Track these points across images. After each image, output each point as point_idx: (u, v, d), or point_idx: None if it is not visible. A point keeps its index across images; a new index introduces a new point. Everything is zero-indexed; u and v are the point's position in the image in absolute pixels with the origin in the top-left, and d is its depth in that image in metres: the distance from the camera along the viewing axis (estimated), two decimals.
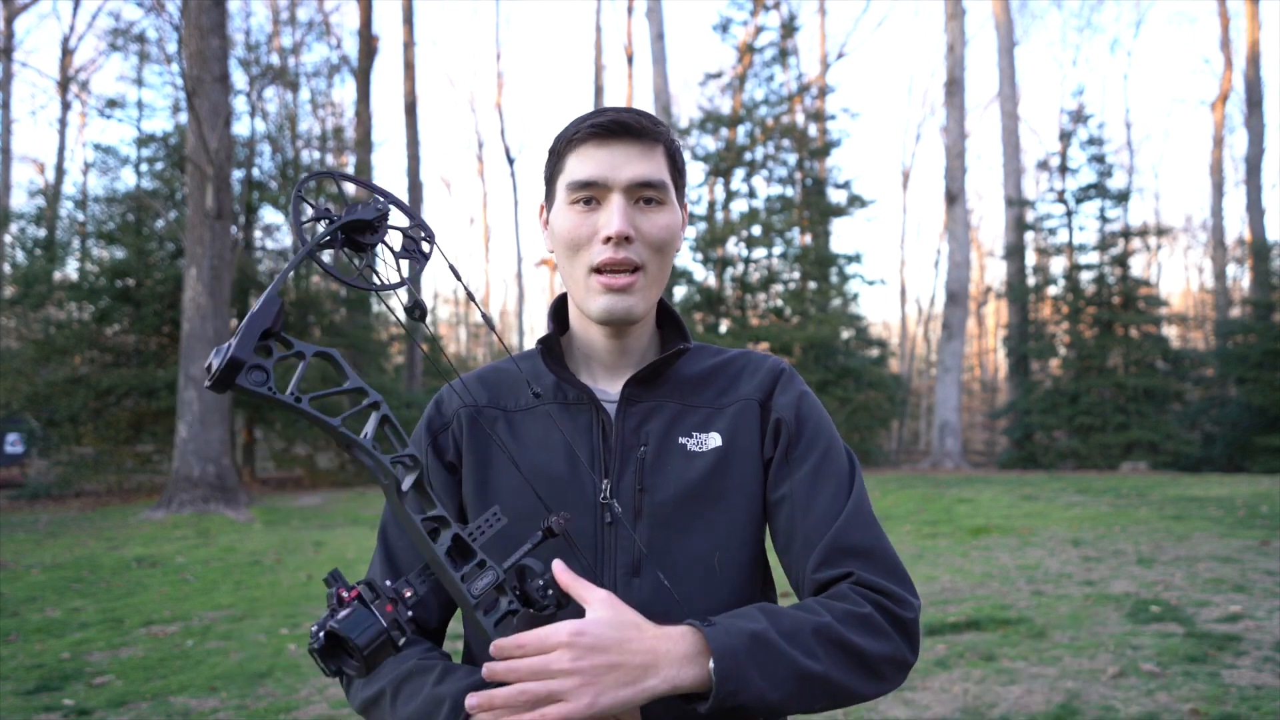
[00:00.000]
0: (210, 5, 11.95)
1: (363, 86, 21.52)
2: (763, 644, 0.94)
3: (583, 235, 1.11)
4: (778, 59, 21.13)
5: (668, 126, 1.16)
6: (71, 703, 4.29)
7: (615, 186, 1.10)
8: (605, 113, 1.12)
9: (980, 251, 36.38)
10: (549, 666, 0.85)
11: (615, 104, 1.08)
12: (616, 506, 1.10)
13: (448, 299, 43.86)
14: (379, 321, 20.25)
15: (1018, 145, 22.54)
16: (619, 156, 1.10)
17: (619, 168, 1.10)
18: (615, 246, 1.09)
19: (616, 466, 1.12)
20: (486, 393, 1.20)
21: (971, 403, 34.12)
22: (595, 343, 1.19)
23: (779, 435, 1.15)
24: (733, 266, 20.47)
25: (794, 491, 1.13)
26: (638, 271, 1.11)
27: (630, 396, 1.15)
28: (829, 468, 1.14)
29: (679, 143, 1.19)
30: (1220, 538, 7.81)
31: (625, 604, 0.95)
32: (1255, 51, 22.51)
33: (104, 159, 17.56)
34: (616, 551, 1.10)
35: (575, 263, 1.13)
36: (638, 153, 1.11)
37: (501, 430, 1.17)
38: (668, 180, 1.13)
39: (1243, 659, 4.37)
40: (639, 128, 1.11)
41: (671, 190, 1.14)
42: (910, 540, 8.65)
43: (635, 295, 1.12)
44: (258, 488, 15.99)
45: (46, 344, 15.64)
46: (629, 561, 1.09)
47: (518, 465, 1.11)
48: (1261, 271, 19.80)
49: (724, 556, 1.11)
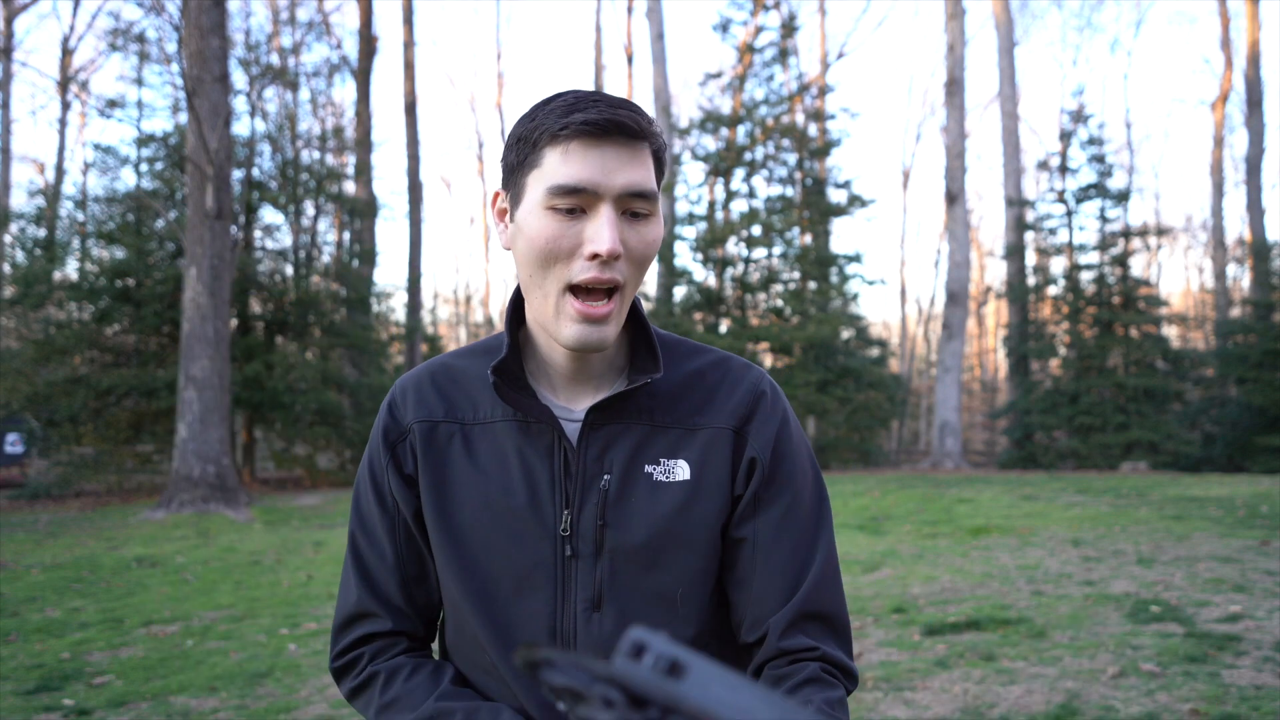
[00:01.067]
0: (210, 5, 11.95)
1: (363, 86, 21.52)
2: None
3: (564, 248, 0.98)
4: (778, 59, 21.14)
5: (658, 127, 1.05)
6: (71, 703, 4.29)
7: (607, 195, 0.97)
8: (595, 105, 0.97)
9: (980, 251, 36.39)
10: None
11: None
12: (576, 543, 1.07)
13: (448, 299, 43.89)
14: (379, 321, 20.26)
15: (1018, 145, 22.54)
16: (611, 160, 0.97)
17: (612, 173, 0.97)
18: (601, 266, 0.98)
19: (578, 498, 1.06)
20: (443, 402, 1.12)
21: (971, 403, 34.13)
22: (556, 357, 1.09)
23: (751, 474, 1.09)
24: (733, 266, 20.47)
25: (758, 534, 1.09)
26: (616, 293, 1.01)
27: (594, 422, 1.07)
28: (798, 513, 1.10)
29: (664, 145, 1.06)
30: (1220, 538, 7.81)
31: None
32: (1255, 51, 22.51)
33: (104, 159, 17.56)
34: (577, 585, 1.06)
35: (547, 276, 1.00)
36: (630, 156, 0.99)
37: (458, 447, 1.09)
38: (657, 189, 1.02)
39: (1243, 659, 4.37)
40: (635, 128, 0.98)
41: (659, 200, 1.03)
42: (910, 540, 8.65)
43: (612, 324, 1.02)
44: (258, 488, 16.00)
45: (46, 344, 15.64)
46: (589, 596, 1.06)
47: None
48: (1261, 271, 19.80)
49: (687, 592, 1.08)
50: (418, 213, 21.73)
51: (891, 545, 8.36)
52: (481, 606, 1.07)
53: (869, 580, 6.73)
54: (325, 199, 19.09)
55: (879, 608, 5.81)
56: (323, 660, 4.98)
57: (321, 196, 18.91)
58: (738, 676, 0.45)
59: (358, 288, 18.79)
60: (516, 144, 1.02)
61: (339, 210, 20.07)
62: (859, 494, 12.63)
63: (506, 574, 1.07)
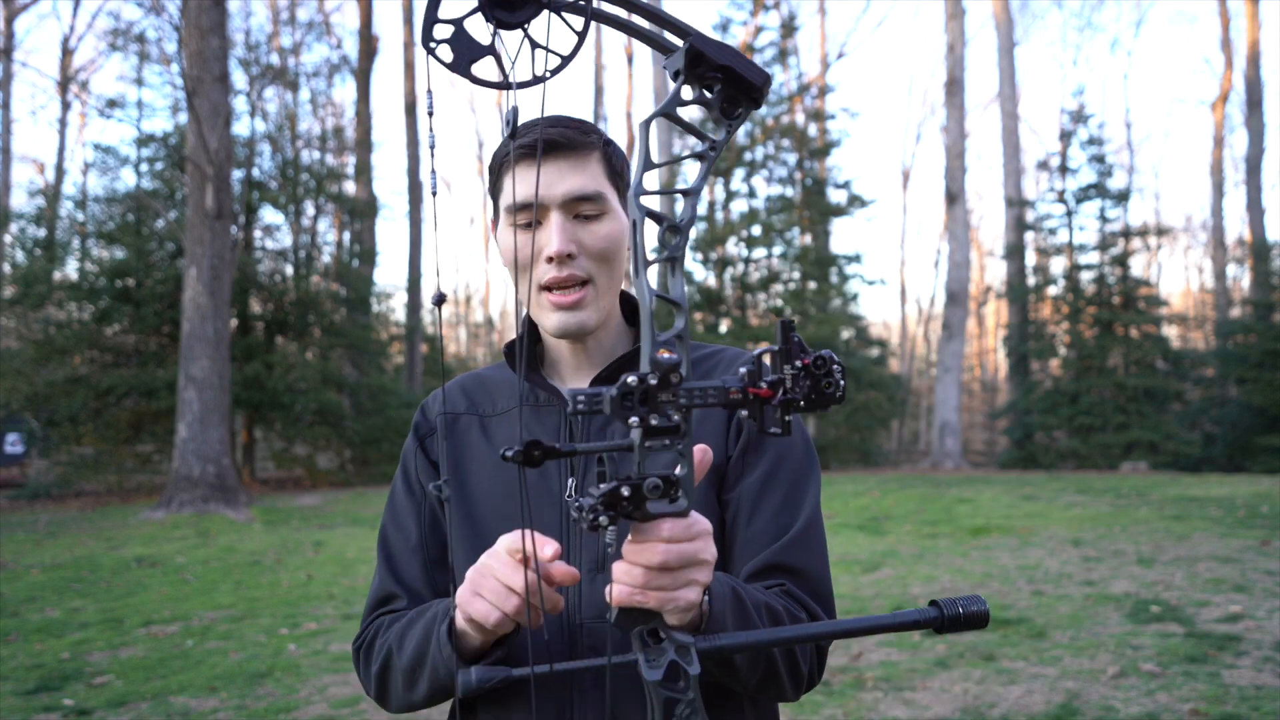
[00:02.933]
0: (210, 5, 11.95)
1: (363, 86, 21.53)
2: (740, 603, 0.95)
3: (526, 256, 1.13)
4: (778, 59, 21.16)
5: (600, 132, 1.16)
6: (71, 703, 4.28)
7: (551, 204, 1.11)
8: (532, 130, 1.12)
9: (980, 251, 36.39)
10: (699, 555, 0.82)
11: (559, 114, 1.08)
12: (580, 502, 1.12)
13: (447, 299, 43.76)
14: (379, 321, 20.26)
15: (1018, 145, 22.55)
16: (551, 174, 1.11)
17: (552, 185, 1.10)
18: (559, 265, 1.11)
19: (581, 464, 1.14)
20: (466, 399, 1.25)
21: (971, 403, 34.12)
22: (559, 348, 1.22)
23: (740, 435, 1.16)
24: (733, 266, 20.48)
25: (742, 496, 1.13)
26: (586, 285, 1.13)
27: None
28: (781, 476, 1.14)
29: (614, 145, 1.18)
30: (1220, 538, 7.81)
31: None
32: (1255, 51, 22.52)
33: (104, 159, 17.58)
34: (582, 548, 1.11)
35: (524, 281, 1.15)
36: (569, 166, 1.12)
37: (477, 434, 1.22)
38: (604, 189, 1.14)
39: (1243, 659, 4.37)
40: (567, 142, 1.11)
41: (611, 197, 1.15)
42: (910, 540, 8.65)
43: (586, 309, 1.14)
44: (258, 488, 15.99)
45: (46, 344, 15.64)
46: (594, 558, 1.11)
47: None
48: (1261, 271, 19.80)
49: None
50: (418, 213, 21.74)
51: (891, 545, 8.36)
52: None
53: (869, 580, 6.73)
54: (325, 199, 19.09)
55: (879, 608, 5.81)
56: (323, 660, 4.98)
57: (321, 196, 18.91)
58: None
59: (358, 288, 18.78)
60: (489, 175, 1.21)
61: (339, 210, 20.07)
62: (859, 494, 12.63)
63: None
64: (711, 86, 0.78)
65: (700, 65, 0.77)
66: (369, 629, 1.19)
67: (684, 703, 0.76)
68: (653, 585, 0.79)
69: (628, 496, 0.74)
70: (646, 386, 0.73)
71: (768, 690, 1.02)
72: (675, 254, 0.77)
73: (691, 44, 0.76)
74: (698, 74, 0.77)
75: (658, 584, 0.79)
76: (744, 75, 0.77)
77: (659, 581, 0.79)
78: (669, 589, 0.79)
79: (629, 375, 0.73)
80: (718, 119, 0.79)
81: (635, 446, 0.74)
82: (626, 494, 0.74)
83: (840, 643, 5.08)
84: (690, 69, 0.77)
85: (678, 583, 0.79)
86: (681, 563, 0.79)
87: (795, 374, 0.77)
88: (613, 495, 0.74)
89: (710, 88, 0.78)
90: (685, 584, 0.80)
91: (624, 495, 0.74)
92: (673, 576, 0.79)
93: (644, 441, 0.74)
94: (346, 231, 21.51)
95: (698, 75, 0.77)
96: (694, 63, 0.77)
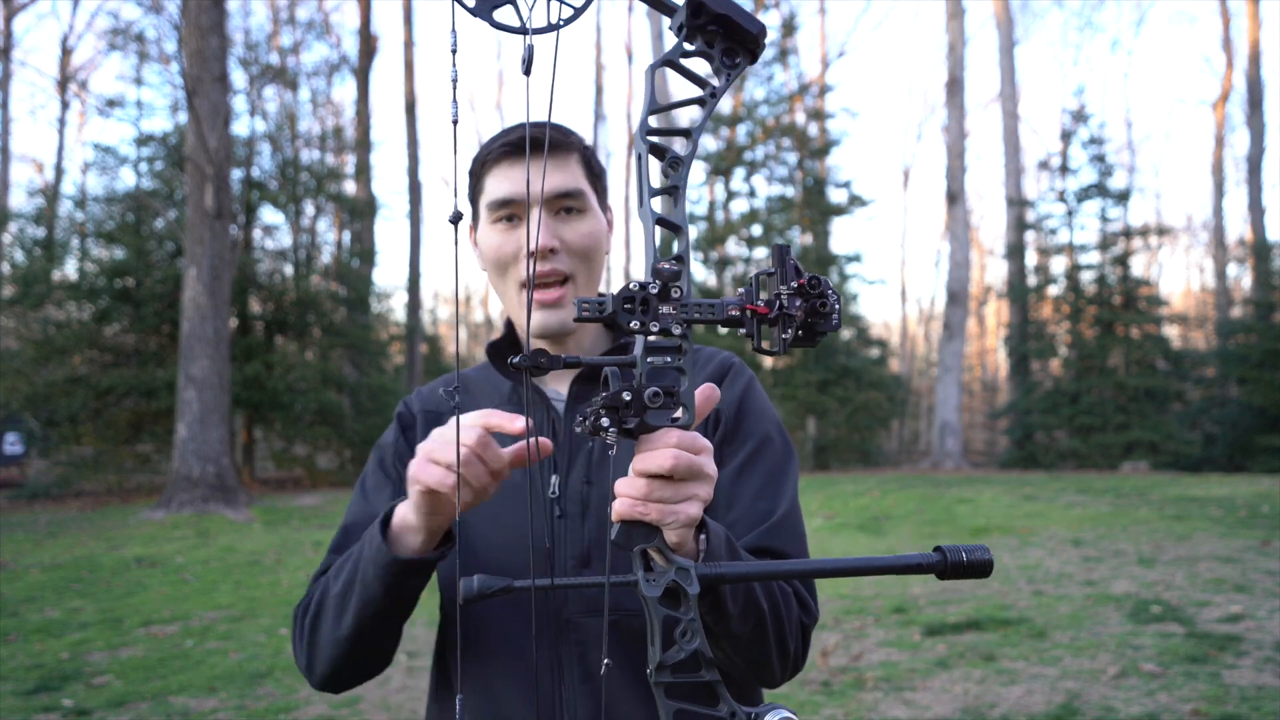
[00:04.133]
0: (210, 4, 11.94)
1: (362, 86, 21.53)
2: (734, 549, 0.94)
3: (508, 253, 1.15)
4: (778, 58, 21.14)
5: (579, 136, 1.20)
6: (71, 703, 4.28)
7: (533, 201, 1.13)
8: (514, 130, 1.16)
9: (981, 251, 36.39)
10: (704, 469, 0.81)
11: (538, 116, 1.10)
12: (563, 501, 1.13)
13: (448, 299, 43.86)
14: (379, 321, 20.25)
15: (1018, 145, 22.55)
16: (534, 171, 1.13)
17: (533, 182, 1.12)
18: (541, 260, 1.13)
19: (565, 462, 1.15)
20: (449, 398, 1.27)
21: (972, 403, 34.11)
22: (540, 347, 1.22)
23: (718, 426, 1.17)
24: (733, 266, 20.47)
25: (721, 483, 1.12)
26: (567, 283, 1.16)
27: (578, 394, 1.18)
28: (758, 464, 1.15)
29: (592, 149, 1.22)
30: (1221, 538, 7.80)
31: None
32: (1256, 51, 22.51)
33: (103, 158, 17.56)
34: (566, 543, 1.12)
35: (505, 280, 1.17)
36: (550, 165, 1.15)
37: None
38: (584, 188, 1.17)
39: (1243, 659, 4.37)
40: (550, 141, 1.14)
41: (590, 196, 1.18)
42: (910, 540, 8.64)
43: (567, 308, 1.15)
44: (257, 488, 15.98)
45: (46, 344, 15.63)
46: (579, 553, 1.12)
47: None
48: (1262, 271, 19.79)
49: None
50: (418, 213, 21.75)
51: (892, 545, 8.35)
52: (476, 571, 1.10)
53: (869, 580, 6.72)
54: (325, 199, 19.08)
55: (879, 608, 5.81)
56: None
57: (321, 196, 18.90)
58: None
59: (357, 288, 18.78)
60: (469, 179, 1.22)
61: (339, 210, 20.06)
62: (859, 494, 12.63)
63: (500, 539, 1.14)
64: (712, 41, 0.83)
65: (700, 15, 0.81)
66: (310, 592, 1.17)
67: (684, 622, 0.77)
68: (654, 496, 0.79)
69: (628, 402, 0.75)
70: (647, 294, 0.75)
71: (753, 660, 1.01)
72: (677, 183, 0.81)
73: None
74: (698, 25, 0.82)
75: (659, 495, 0.79)
76: (741, 24, 0.82)
77: (661, 493, 0.79)
78: (670, 501, 0.79)
79: (631, 281, 0.75)
80: (718, 69, 0.84)
81: (637, 359, 0.76)
82: (627, 398, 0.75)
83: (841, 643, 5.07)
84: (691, 19, 0.81)
85: (679, 495, 0.79)
86: (687, 473, 0.79)
87: (790, 293, 0.79)
88: (614, 399, 0.75)
89: (711, 42, 0.83)
90: (687, 498, 0.80)
91: (625, 399, 0.75)
92: (675, 489, 0.79)
93: (645, 354, 0.76)
94: (346, 231, 21.51)
95: (699, 26, 0.82)
96: (695, 13, 0.81)
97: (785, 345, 0.78)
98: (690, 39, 0.82)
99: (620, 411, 0.75)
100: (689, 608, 0.77)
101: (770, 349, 0.79)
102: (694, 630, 0.76)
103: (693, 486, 0.80)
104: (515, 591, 0.79)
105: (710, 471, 0.81)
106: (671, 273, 0.75)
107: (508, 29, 0.77)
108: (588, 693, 1.07)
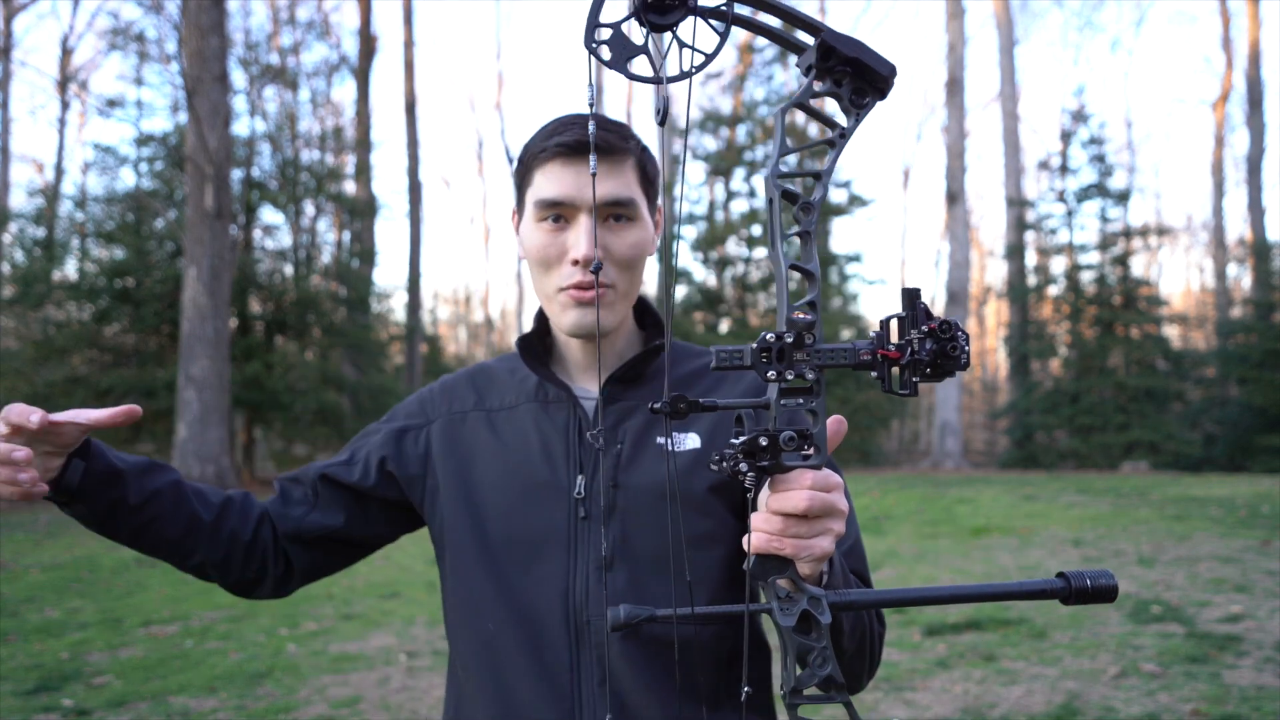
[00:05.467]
0: (210, 4, 11.95)
1: (362, 86, 21.54)
2: (846, 576, 0.96)
3: (552, 255, 1.12)
4: (778, 58, 21.14)
5: (638, 139, 1.17)
6: (71, 703, 4.28)
7: (583, 207, 1.10)
8: (572, 128, 1.11)
9: (980, 251, 36.39)
10: (836, 505, 0.83)
11: (598, 110, 1.08)
12: (589, 502, 1.13)
13: (448, 299, 43.85)
14: (379, 321, 20.25)
15: (1018, 145, 22.54)
16: (586, 176, 1.09)
17: (586, 187, 1.09)
18: (584, 269, 1.10)
19: (592, 463, 1.13)
20: (474, 394, 1.25)
21: (972, 403, 34.10)
22: (571, 346, 1.21)
23: None
24: (733, 266, 20.47)
25: None
26: (607, 287, 1.14)
27: (611, 395, 1.17)
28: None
29: (650, 152, 1.19)
30: (1221, 538, 7.80)
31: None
32: (1256, 51, 22.51)
33: (103, 158, 17.56)
34: (589, 545, 1.11)
35: (545, 280, 1.15)
36: (605, 170, 1.11)
37: (485, 429, 1.21)
38: (637, 196, 1.13)
39: (1244, 659, 4.37)
40: (606, 146, 1.10)
41: (642, 204, 1.15)
42: (911, 540, 8.64)
43: (604, 310, 1.14)
44: (258, 488, 15.98)
45: (45, 344, 15.63)
46: (598, 557, 1.11)
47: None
48: (1262, 271, 19.78)
49: (696, 554, 1.12)
50: (418, 213, 21.75)
51: (892, 545, 8.35)
52: (494, 570, 1.14)
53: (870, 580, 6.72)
54: (325, 199, 19.08)
55: None
56: (322, 660, 4.97)
57: (321, 196, 18.90)
58: None
59: (357, 288, 18.78)
60: (517, 166, 1.19)
61: (339, 210, 20.06)
62: (859, 494, 12.63)
63: (522, 538, 1.13)
64: (841, 80, 0.83)
65: (830, 59, 0.82)
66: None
67: (816, 650, 0.79)
68: (790, 533, 0.81)
69: (765, 446, 0.78)
70: (783, 344, 0.78)
71: (853, 674, 1.04)
72: (808, 229, 0.84)
73: (823, 39, 0.81)
74: (828, 67, 0.82)
75: (795, 531, 0.81)
76: (872, 66, 0.82)
77: (796, 529, 0.81)
78: (805, 537, 0.81)
79: (767, 332, 0.79)
80: (847, 109, 0.84)
81: (771, 403, 0.79)
82: (764, 444, 0.78)
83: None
84: (821, 62, 0.82)
85: (814, 531, 0.82)
86: (821, 511, 0.81)
87: (921, 338, 0.81)
88: (751, 444, 0.78)
89: (840, 81, 0.83)
90: (820, 533, 0.82)
91: (762, 445, 0.78)
92: (810, 525, 0.81)
93: (779, 398, 0.79)
94: (346, 231, 21.51)
95: (828, 69, 0.82)
96: (825, 56, 0.82)
97: (914, 388, 0.80)
98: (820, 79, 0.82)
99: (757, 456, 0.78)
100: (821, 635, 0.80)
101: (900, 391, 0.81)
102: (826, 658, 0.79)
103: (826, 523, 0.83)
104: (659, 621, 0.82)
105: (842, 507, 0.83)
106: (806, 323, 0.79)
107: (643, 80, 0.78)
108: (605, 694, 1.07)
